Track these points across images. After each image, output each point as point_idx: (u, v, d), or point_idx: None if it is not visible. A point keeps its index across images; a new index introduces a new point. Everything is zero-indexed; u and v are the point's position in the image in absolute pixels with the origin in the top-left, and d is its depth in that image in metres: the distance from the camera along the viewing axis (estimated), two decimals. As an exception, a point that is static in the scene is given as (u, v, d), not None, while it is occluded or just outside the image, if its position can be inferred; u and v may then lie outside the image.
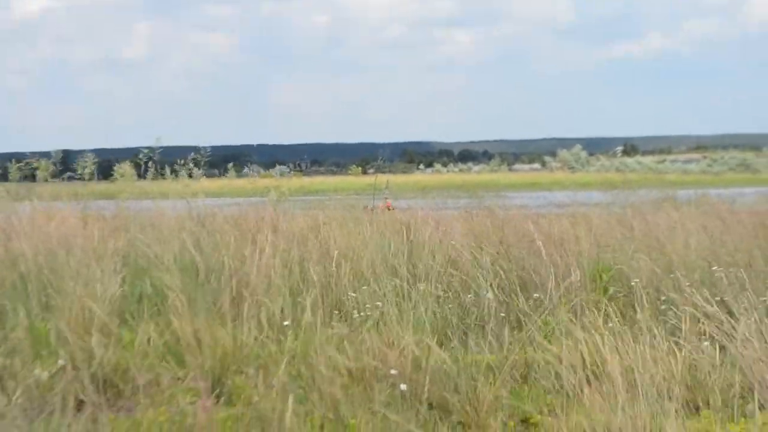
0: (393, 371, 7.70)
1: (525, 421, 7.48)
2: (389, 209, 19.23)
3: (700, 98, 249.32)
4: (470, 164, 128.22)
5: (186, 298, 10.13)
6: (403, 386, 7.45)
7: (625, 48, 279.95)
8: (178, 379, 8.37)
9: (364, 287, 10.33)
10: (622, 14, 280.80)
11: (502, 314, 9.62)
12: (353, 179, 75.15)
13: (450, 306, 10.03)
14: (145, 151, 17.76)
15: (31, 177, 19.78)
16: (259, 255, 11.19)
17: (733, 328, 8.03)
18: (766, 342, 7.64)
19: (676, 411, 6.64)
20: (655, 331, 8.07)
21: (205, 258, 11.36)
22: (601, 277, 10.98)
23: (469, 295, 10.02)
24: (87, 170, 19.27)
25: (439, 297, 10.17)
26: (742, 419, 7.26)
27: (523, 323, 9.44)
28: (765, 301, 8.67)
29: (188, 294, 10.25)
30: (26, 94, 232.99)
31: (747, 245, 11.83)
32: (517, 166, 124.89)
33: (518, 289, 10.71)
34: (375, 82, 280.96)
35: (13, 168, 19.04)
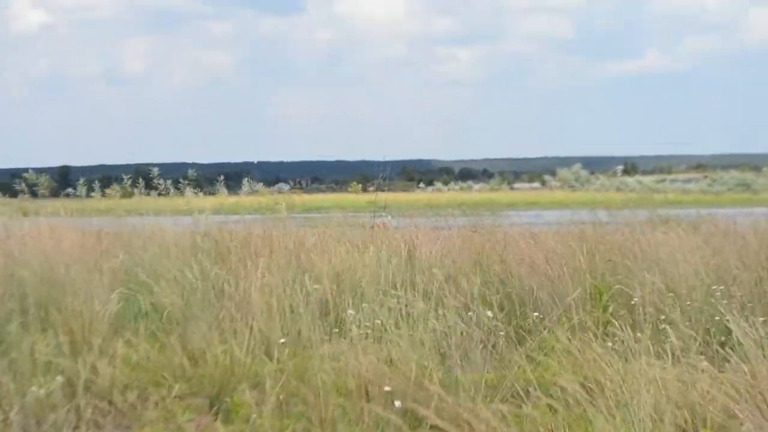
0: (387, 388, 7.69)
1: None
2: (386, 228, 19.25)
3: (700, 116, 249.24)
4: (470, 183, 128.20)
5: (184, 315, 10.15)
6: (397, 403, 7.44)
7: (625, 66, 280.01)
8: (177, 396, 8.35)
9: (364, 305, 10.31)
10: (622, 32, 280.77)
11: (502, 333, 9.61)
12: (353, 197, 75.11)
13: (449, 324, 10.00)
14: (147, 167, 17.77)
15: (31, 192, 19.80)
16: (258, 272, 11.19)
17: (732, 348, 8.03)
18: (764, 362, 7.62)
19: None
20: (653, 350, 8.05)
21: (203, 275, 11.35)
22: (601, 295, 10.97)
23: (468, 313, 9.99)
24: (85, 186, 19.31)
25: (438, 315, 10.14)
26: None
27: (523, 342, 9.43)
28: (763, 321, 8.65)
29: (187, 311, 10.26)
30: (26, 108, 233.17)
31: (748, 264, 11.82)
32: (517, 184, 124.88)
33: (518, 307, 10.71)
34: (376, 100, 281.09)
35: (13, 184, 19.07)
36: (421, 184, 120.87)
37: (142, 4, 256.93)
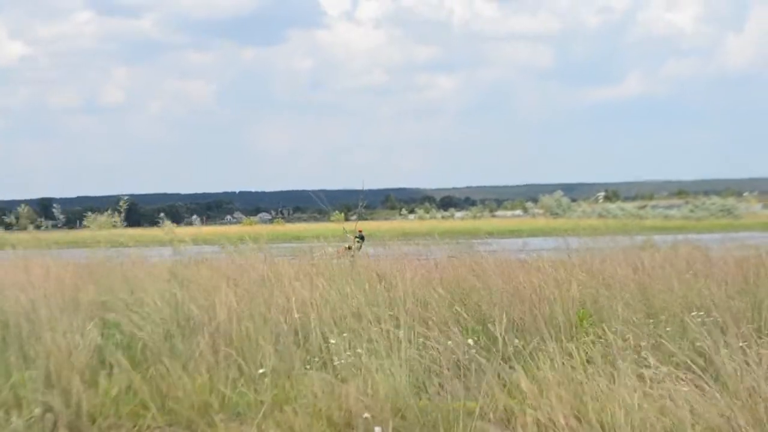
0: (366, 414, 7.68)
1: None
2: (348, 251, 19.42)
3: (681, 142, 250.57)
4: (453, 210, 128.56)
5: (162, 346, 10.11)
6: (377, 429, 7.42)
7: (605, 92, 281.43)
8: (157, 427, 8.32)
9: (345, 334, 10.29)
10: (602, 58, 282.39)
11: (484, 359, 9.58)
12: (335, 226, 75.07)
13: (430, 353, 9.98)
14: (125, 198, 17.75)
15: (8, 225, 19.77)
16: (236, 302, 11.16)
17: (714, 376, 8.04)
18: (743, 387, 7.63)
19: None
20: (634, 376, 8.04)
21: (180, 307, 11.32)
22: (581, 322, 10.98)
23: (449, 342, 9.97)
24: (64, 218, 19.29)
25: (418, 343, 10.12)
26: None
27: (504, 369, 9.41)
28: (741, 346, 8.65)
29: (164, 342, 10.23)
30: (5, 140, 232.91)
31: (728, 291, 11.88)
32: (499, 212, 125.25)
33: (499, 335, 10.69)
34: (358, 128, 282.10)
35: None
36: (404, 212, 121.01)
37: (121, 35, 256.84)
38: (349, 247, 20.23)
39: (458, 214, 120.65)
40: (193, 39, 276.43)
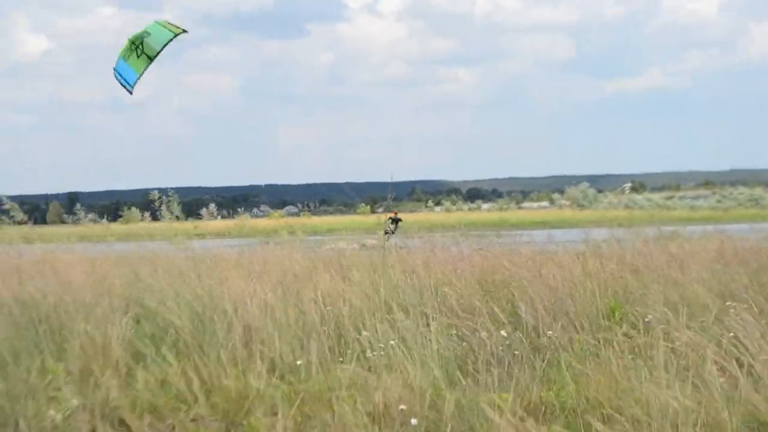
0: (402, 406, 7.70)
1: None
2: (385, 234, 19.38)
3: (707, 132, 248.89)
4: (479, 202, 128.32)
5: (196, 339, 10.15)
6: (413, 421, 7.44)
7: (630, 83, 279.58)
8: (192, 419, 8.34)
9: (378, 324, 10.30)
10: (625, 49, 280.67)
11: (516, 352, 9.58)
12: (362, 219, 75.08)
13: (464, 344, 9.99)
14: (155, 192, 17.76)
15: (41, 219, 19.89)
16: (268, 295, 11.20)
17: (750, 366, 8.00)
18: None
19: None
20: (667, 368, 8.01)
21: (212, 299, 11.36)
22: (614, 313, 10.95)
23: (483, 333, 9.97)
24: (92, 212, 19.35)
25: (452, 335, 10.14)
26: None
27: (536, 361, 9.40)
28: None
29: (198, 335, 10.27)
30: (29, 134, 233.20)
31: (760, 280, 11.83)
32: (525, 203, 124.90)
33: (531, 327, 10.68)
34: (382, 121, 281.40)
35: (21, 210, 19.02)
36: (430, 204, 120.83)
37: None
38: (386, 232, 20.25)
39: (485, 206, 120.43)
40: (215, 33, 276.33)
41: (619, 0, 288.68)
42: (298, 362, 9.50)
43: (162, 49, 12.91)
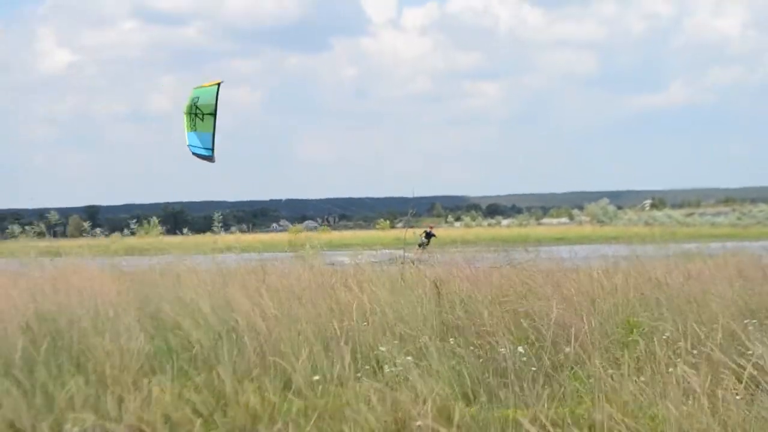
0: (419, 423, 7.67)
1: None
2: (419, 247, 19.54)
3: (727, 149, 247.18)
4: (499, 218, 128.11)
5: (213, 354, 10.15)
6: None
7: (650, 99, 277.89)
8: (209, 435, 8.35)
9: (396, 341, 10.28)
10: (646, 65, 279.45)
11: (533, 368, 9.54)
12: (381, 233, 75.22)
13: (481, 360, 9.97)
14: (172, 206, 17.87)
15: (62, 233, 19.99)
16: (285, 309, 11.20)
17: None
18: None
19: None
20: (685, 385, 7.97)
21: (230, 313, 11.37)
22: (632, 331, 10.91)
23: (501, 350, 9.95)
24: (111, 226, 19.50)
25: (468, 351, 10.11)
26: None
27: (553, 378, 9.37)
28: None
29: (215, 349, 10.26)
30: (53, 147, 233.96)
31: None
32: (545, 219, 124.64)
33: (549, 343, 10.64)
34: (402, 136, 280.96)
35: (40, 224, 19.21)
36: (450, 219, 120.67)
37: (166, 43, 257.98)
38: (420, 245, 20.53)
39: (504, 222, 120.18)
40: (238, 47, 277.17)
41: (643, 16, 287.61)
42: (315, 377, 9.47)
43: (217, 102, 13.73)
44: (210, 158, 14.52)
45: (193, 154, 14.51)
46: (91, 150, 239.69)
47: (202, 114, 14.02)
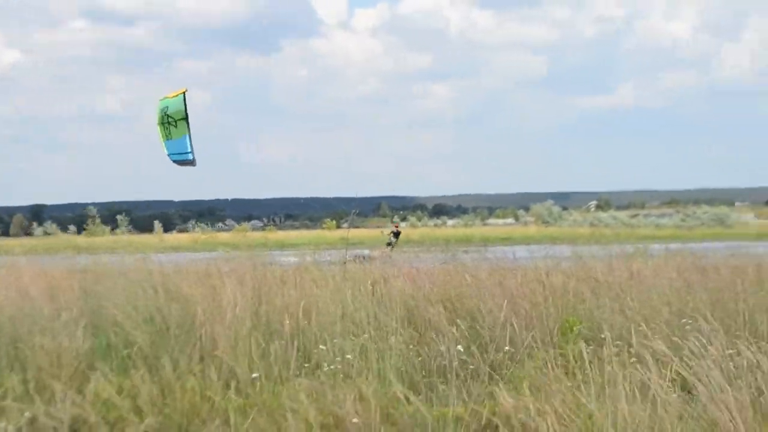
0: (355, 420, 7.68)
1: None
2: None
3: (673, 151, 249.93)
4: (444, 218, 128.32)
5: (153, 351, 10.09)
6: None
7: (598, 101, 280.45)
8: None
9: (335, 340, 10.28)
10: (596, 68, 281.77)
11: (471, 367, 9.58)
12: (327, 233, 75.22)
13: (419, 359, 10.00)
14: (119, 205, 17.81)
15: (4, 232, 19.85)
16: (226, 308, 11.14)
17: (706, 380, 8.03)
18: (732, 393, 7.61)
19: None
20: (623, 384, 8.03)
21: (171, 311, 11.30)
22: (571, 329, 10.97)
23: (440, 347, 9.98)
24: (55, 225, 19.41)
25: (407, 350, 10.13)
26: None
27: (492, 376, 9.41)
28: (730, 354, 8.67)
29: (155, 347, 10.21)
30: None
31: (719, 298, 11.91)
32: (491, 220, 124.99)
33: (489, 341, 10.69)
34: (352, 137, 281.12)
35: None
36: (395, 220, 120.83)
37: (115, 42, 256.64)
38: (389, 244, 20.61)
39: (450, 222, 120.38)
40: (189, 47, 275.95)
41: (595, 19, 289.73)
42: (254, 375, 9.45)
43: (186, 108, 14.06)
44: (191, 162, 14.55)
45: (174, 161, 14.53)
46: (37, 149, 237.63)
47: (174, 120, 14.11)
